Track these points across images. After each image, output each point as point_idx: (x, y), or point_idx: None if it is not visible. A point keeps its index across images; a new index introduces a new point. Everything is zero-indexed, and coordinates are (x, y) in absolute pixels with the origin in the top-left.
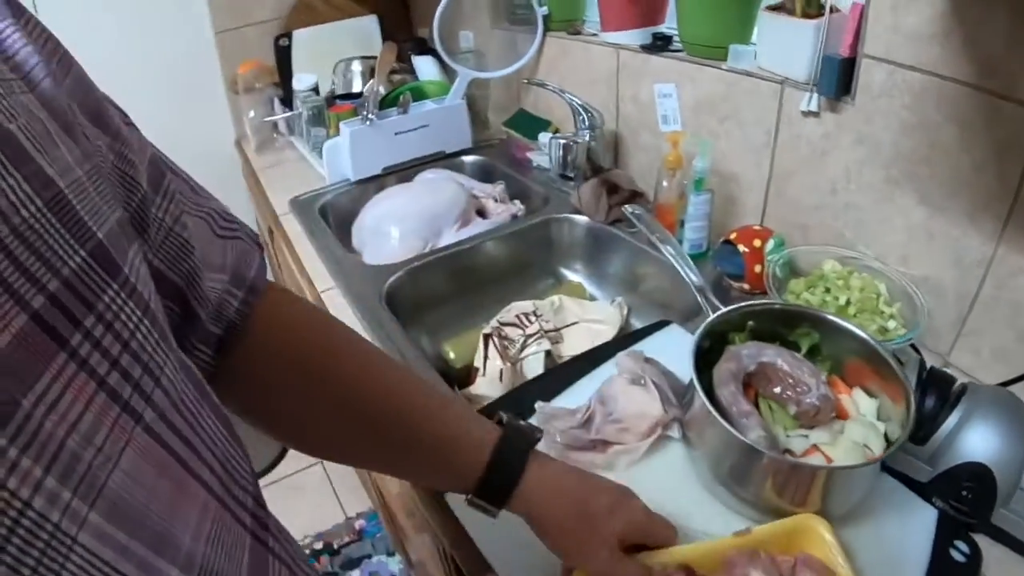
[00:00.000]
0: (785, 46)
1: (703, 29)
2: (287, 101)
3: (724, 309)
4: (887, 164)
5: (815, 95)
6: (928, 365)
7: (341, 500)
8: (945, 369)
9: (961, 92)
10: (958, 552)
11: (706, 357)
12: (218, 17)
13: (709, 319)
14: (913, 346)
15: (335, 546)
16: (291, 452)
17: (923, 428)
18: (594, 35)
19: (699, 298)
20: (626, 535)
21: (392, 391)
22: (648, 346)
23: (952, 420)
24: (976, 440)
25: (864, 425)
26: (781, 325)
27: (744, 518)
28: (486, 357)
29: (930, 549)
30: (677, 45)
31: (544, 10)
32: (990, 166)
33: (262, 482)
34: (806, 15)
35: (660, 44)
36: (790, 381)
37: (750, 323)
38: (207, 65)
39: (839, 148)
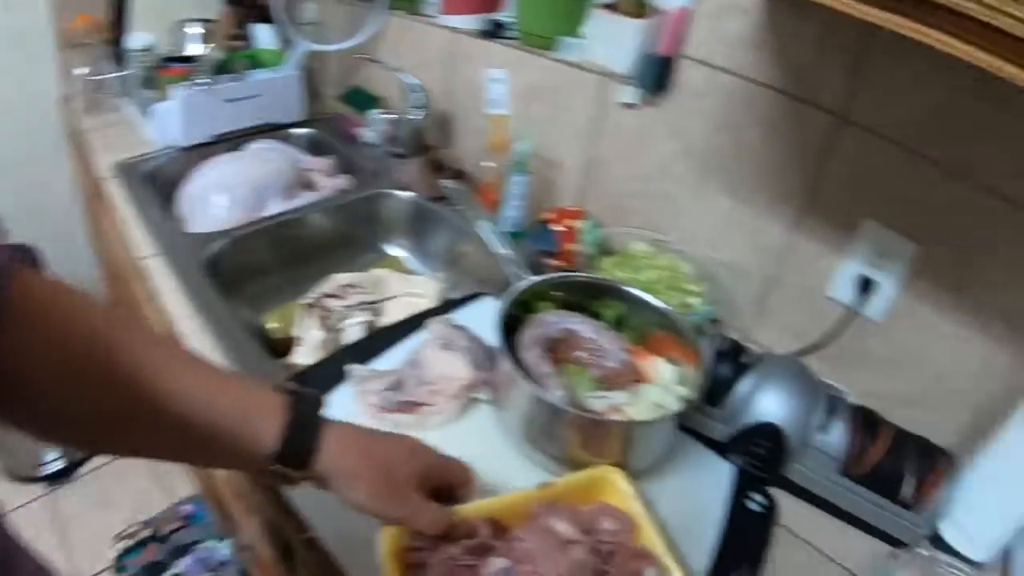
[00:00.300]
0: (612, 42)
1: (539, 20)
2: (121, 60)
3: (531, 279)
4: (699, 158)
5: (634, 89)
6: (727, 337)
7: (167, 485)
8: (747, 344)
9: (769, 96)
10: (754, 503)
11: (515, 325)
12: None
13: (517, 287)
14: (717, 322)
15: (164, 533)
16: None
17: (720, 392)
18: (434, 17)
19: (510, 271)
20: (426, 477)
21: (162, 374)
22: (462, 315)
23: (746, 385)
24: (768, 402)
25: (663, 388)
26: (588, 297)
27: (551, 474)
28: (306, 327)
29: (729, 501)
30: (512, 33)
31: None
32: (791, 165)
33: (80, 471)
34: (634, 15)
35: (496, 31)
36: (592, 347)
37: (557, 293)
38: (33, 13)
39: (655, 140)
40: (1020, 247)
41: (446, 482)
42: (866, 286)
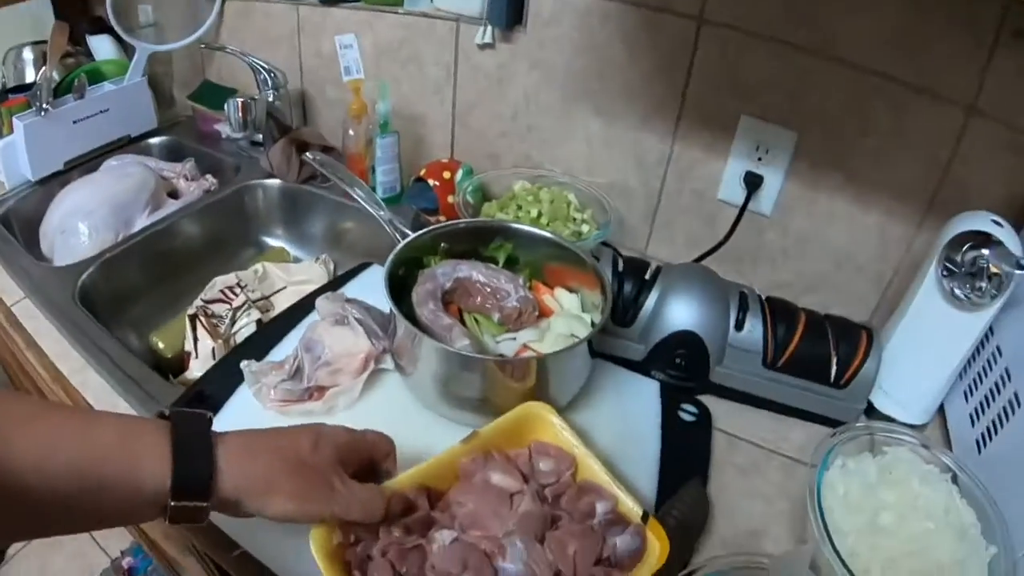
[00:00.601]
0: None
1: None
2: None
3: (412, 235)
4: (562, 84)
5: (488, 28)
6: (625, 257)
7: (101, 543)
8: (646, 259)
9: (623, 10)
10: (687, 413)
11: (406, 285)
12: None
13: (398, 246)
14: (609, 245)
15: None
16: None
17: (628, 311)
18: None
19: (391, 232)
20: (343, 460)
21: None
22: (351, 289)
23: (652, 299)
24: (678, 312)
25: (568, 318)
26: (476, 242)
27: (473, 428)
28: (196, 339)
29: (660, 416)
30: None
31: None
32: (658, 75)
33: (15, 547)
34: None
35: None
36: (489, 291)
37: (443, 245)
38: None
39: (516, 75)
40: (892, 115)
41: (366, 458)
42: (753, 183)
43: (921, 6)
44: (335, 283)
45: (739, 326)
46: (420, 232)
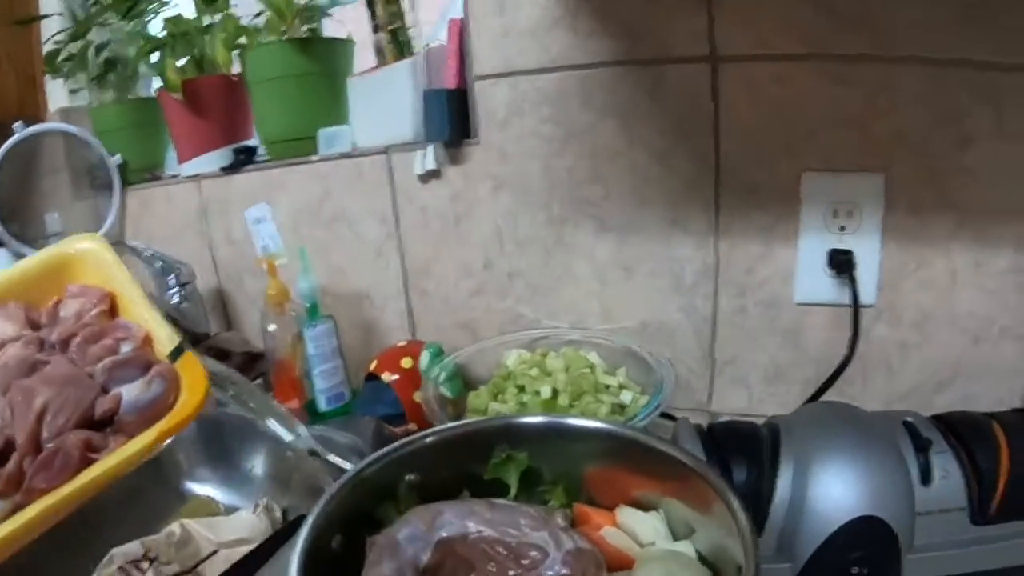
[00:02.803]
0: (382, 104)
1: (283, 121)
2: None
3: (344, 476)
4: (544, 201)
5: (429, 149)
6: (703, 425)
7: None
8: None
9: (611, 75)
10: None
11: (348, 569)
12: None
13: (316, 509)
14: (665, 414)
15: None
16: None
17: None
18: (174, 176)
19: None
20: None
21: None
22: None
23: (784, 482)
24: (836, 491)
25: (665, 561)
26: (465, 461)
27: None
28: None
29: None
30: (263, 155)
31: (117, 159)
32: (675, 147)
33: None
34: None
35: (243, 158)
36: (504, 553)
37: (408, 477)
38: None
39: (479, 204)
40: (990, 109)
41: None
42: (841, 263)
43: None
44: (270, 543)
45: (925, 478)
46: (359, 467)
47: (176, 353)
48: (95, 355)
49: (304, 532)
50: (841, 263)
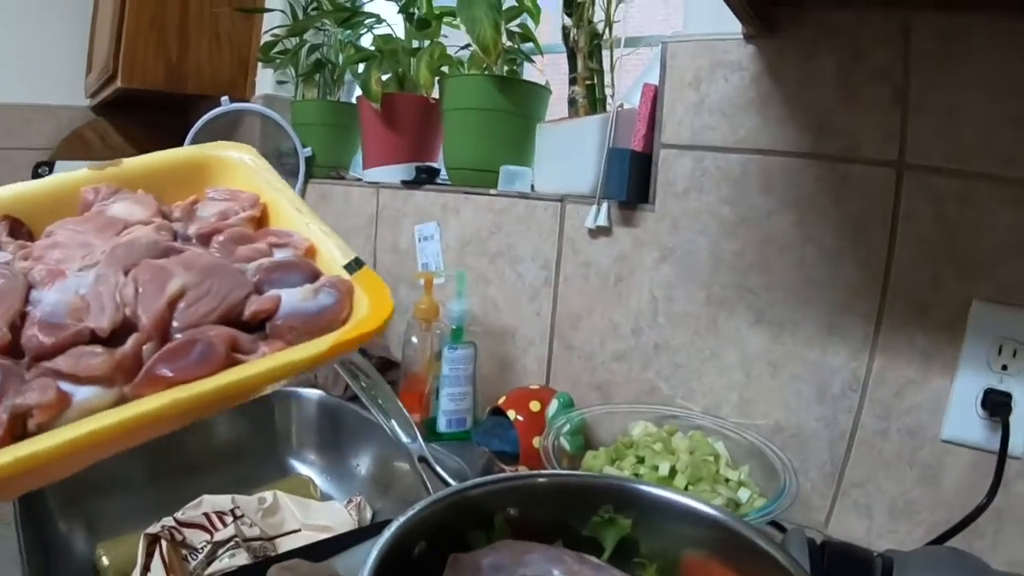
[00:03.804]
0: (566, 154)
1: (470, 150)
2: None
3: (448, 489)
4: (707, 281)
5: (604, 206)
6: (816, 541)
7: None
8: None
9: (793, 166)
10: None
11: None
12: None
13: (410, 512)
14: (775, 523)
15: None
16: None
17: None
18: (357, 179)
19: (418, 474)
20: None
21: None
22: (348, 559)
23: None
24: None
25: None
26: (566, 511)
27: None
28: (147, 568)
29: None
30: (445, 179)
31: (308, 151)
32: (847, 250)
33: None
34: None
35: (424, 177)
36: None
37: (509, 510)
38: None
39: (640, 271)
40: None
41: None
42: (997, 405)
43: None
44: (352, 536)
45: None
46: (459, 487)
47: (353, 267)
48: (244, 255)
49: (391, 529)
50: (996, 404)
